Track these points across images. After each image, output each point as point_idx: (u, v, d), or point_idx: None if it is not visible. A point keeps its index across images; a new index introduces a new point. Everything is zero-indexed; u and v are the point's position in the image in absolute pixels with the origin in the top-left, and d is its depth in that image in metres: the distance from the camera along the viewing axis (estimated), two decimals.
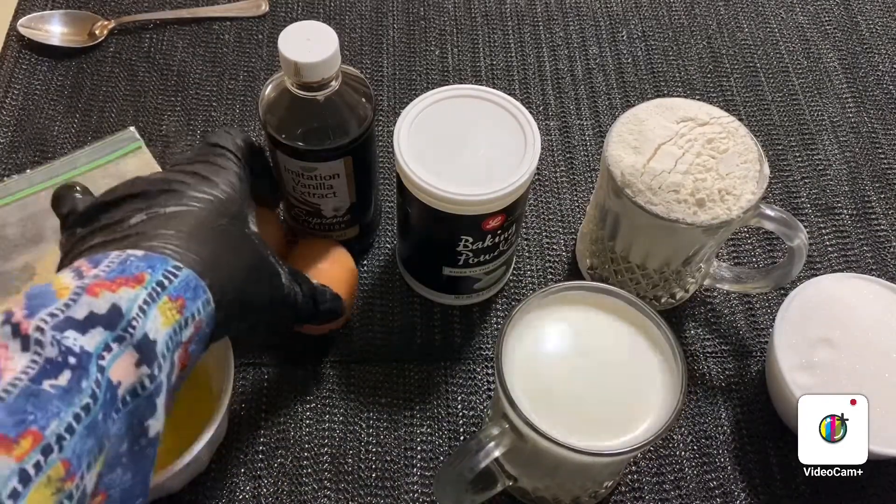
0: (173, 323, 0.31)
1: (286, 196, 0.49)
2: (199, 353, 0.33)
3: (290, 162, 0.45)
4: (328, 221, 0.49)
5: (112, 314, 0.29)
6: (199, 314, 0.32)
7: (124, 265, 0.31)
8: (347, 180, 0.46)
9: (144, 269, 0.31)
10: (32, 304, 0.28)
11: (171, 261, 0.32)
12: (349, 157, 0.45)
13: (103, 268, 0.30)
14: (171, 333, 0.31)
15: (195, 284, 0.32)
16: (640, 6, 0.70)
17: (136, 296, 0.30)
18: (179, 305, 0.31)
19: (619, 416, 0.37)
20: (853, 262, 0.56)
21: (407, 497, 0.45)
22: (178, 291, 0.31)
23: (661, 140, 0.45)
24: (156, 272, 0.31)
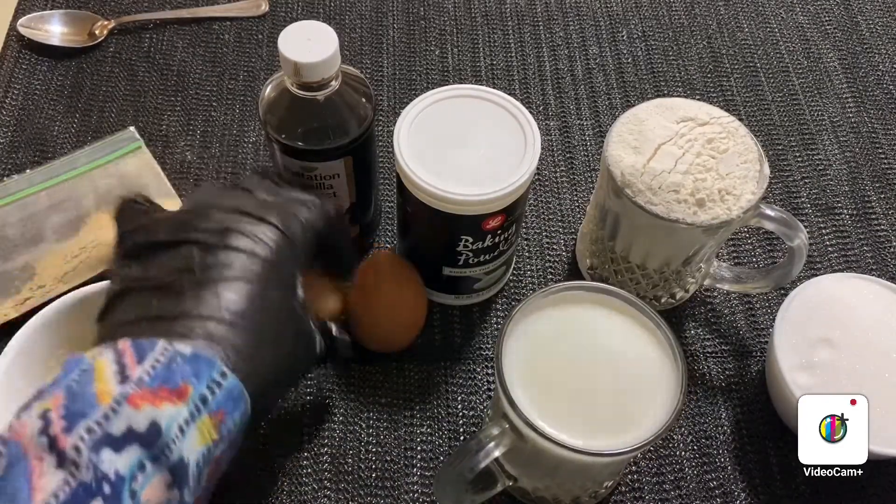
0: (208, 442, 0.30)
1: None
2: (228, 459, 0.33)
3: (289, 162, 0.45)
4: None
5: (151, 432, 0.28)
6: (236, 426, 0.32)
7: (169, 369, 0.30)
8: (347, 180, 0.46)
9: (189, 377, 0.30)
10: (72, 412, 0.27)
11: (219, 364, 0.31)
12: (349, 157, 0.45)
13: (148, 367, 0.30)
14: (204, 452, 0.30)
15: (238, 394, 0.32)
16: (640, 6, 0.70)
17: (177, 413, 0.29)
18: (218, 421, 0.30)
19: (619, 416, 0.37)
20: (853, 262, 0.56)
21: (407, 497, 0.45)
22: (218, 405, 0.31)
23: (661, 140, 0.45)
24: (200, 382, 0.30)
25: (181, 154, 0.58)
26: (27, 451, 0.26)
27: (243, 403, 0.32)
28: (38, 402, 0.29)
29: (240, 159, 0.58)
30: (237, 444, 0.33)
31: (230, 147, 0.59)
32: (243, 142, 0.59)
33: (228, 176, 0.57)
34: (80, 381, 0.29)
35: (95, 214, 0.53)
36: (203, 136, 0.60)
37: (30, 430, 0.27)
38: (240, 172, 0.58)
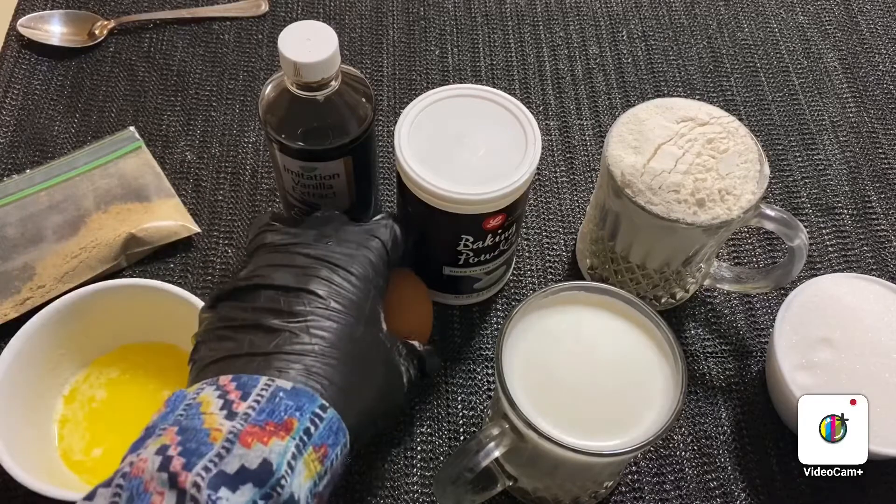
0: (314, 475, 0.31)
1: (285, 196, 0.49)
2: (329, 493, 0.33)
3: (289, 162, 0.45)
4: None
5: (263, 470, 0.29)
6: (337, 459, 0.33)
7: (273, 403, 0.31)
8: (347, 180, 0.46)
9: (293, 411, 0.31)
10: (188, 448, 0.28)
11: (318, 398, 0.32)
12: (349, 157, 0.45)
13: (252, 401, 0.31)
14: (311, 486, 0.31)
15: (337, 427, 0.32)
16: (640, 6, 0.70)
17: (285, 449, 0.30)
18: (322, 455, 0.31)
19: (619, 416, 0.37)
20: (853, 262, 0.56)
21: (407, 497, 0.45)
22: (322, 439, 0.31)
23: (661, 140, 0.45)
24: (304, 416, 0.31)
25: (181, 154, 0.58)
26: (148, 487, 0.27)
27: (343, 436, 0.33)
28: (152, 438, 0.29)
29: (240, 159, 0.58)
30: (338, 479, 0.33)
31: (230, 147, 0.59)
32: (243, 142, 0.59)
33: (228, 176, 0.57)
34: (189, 415, 0.30)
35: (95, 214, 0.53)
36: (203, 136, 0.60)
37: (150, 465, 0.28)
38: (239, 173, 0.58)
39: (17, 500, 0.42)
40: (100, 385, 0.46)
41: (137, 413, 0.45)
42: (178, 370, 0.46)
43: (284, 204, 0.50)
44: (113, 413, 0.45)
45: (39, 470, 0.40)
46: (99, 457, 0.44)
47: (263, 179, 0.57)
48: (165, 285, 0.45)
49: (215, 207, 0.56)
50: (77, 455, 0.44)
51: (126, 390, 0.46)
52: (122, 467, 0.28)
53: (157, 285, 0.45)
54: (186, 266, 0.53)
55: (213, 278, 0.52)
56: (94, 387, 0.46)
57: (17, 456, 0.39)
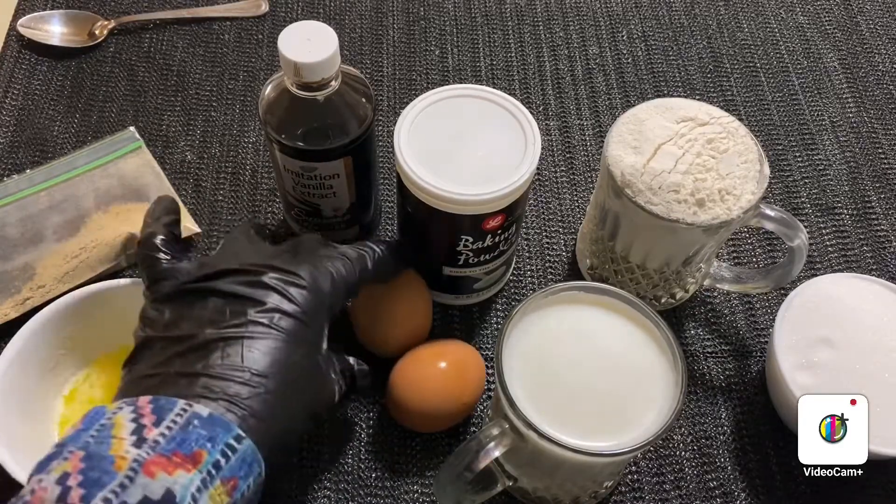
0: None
1: (285, 196, 0.49)
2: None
3: (289, 162, 0.45)
4: (328, 221, 0.49)
5: (165, 501, 0.28)
6: (250, 489, 0.32)
7: (186, 432, 0.30)
8: (347, 180, 0.46)
9: (204, 443, 0.30)
10: (89, 478, 0.28)
11: (234, 428, 0.31)
12: (349, 157, 0.45)
13: (164, 428, 0.30)
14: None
15: (252, 460, 0.32)
16: (640, 6, 0.70)
17: (190, 481, 0.29)
18: (230, 488, 0.31)
19: (619, 416, 0.37)
20: (853, 262, 0.56)
21: (407, 497, 0.45)
22: (232, 472, 0.31)
23: (661, 140, 0.45)
24: (215, 448, 0.30)
25: (181, 154, 0.58)
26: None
27: (257, 466, 0.32)
28: (58, 461, 0.29)
29: (240, 159, 0.58)
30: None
31: (230, 147, 0.59)
32: (243, 142, 0.59)
33: (228, 176, 0.57)
34: (99, 438, 0.30)
35: (95, 214, 0.53)
36: (203, 136, 0.60)
37: (49, 495, 0.27)
38: (239, 172, 0.58)
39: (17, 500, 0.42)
40: (100, 385, 0.46)
41: None
42: None
43: (284, 204, 0.50)
44: None
45: None
46: None
47: (263, 179, 0.57)
48: None
49: (215, 207, 0.56)
50: None
51: None
52: (24, 494, 0.28)
53: None
54: None
55: None
56: (94, 387, 0.46)
57: (18, 456, 0.39)
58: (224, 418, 0.31)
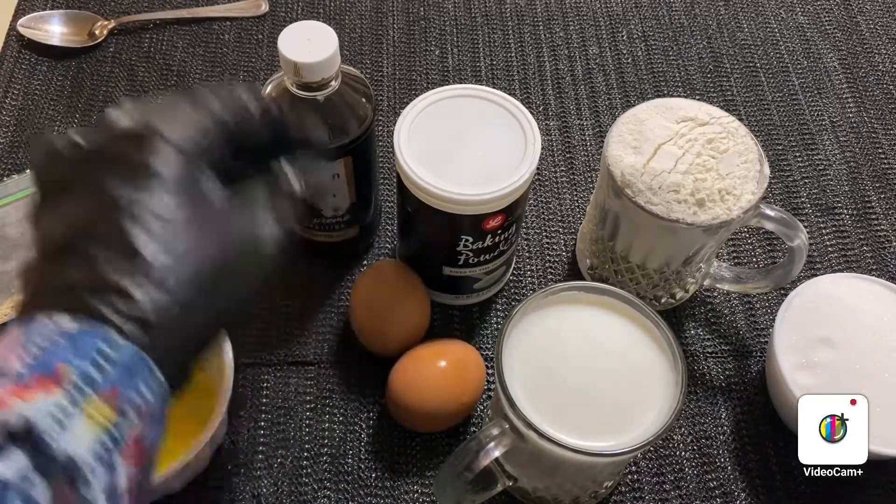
0: (106, 425, 0.26)
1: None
2: (156, 434, 0.28)
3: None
4: (328, 221, 0.49)
5: (27, 431, 0.24)
6: (143, 396, 0.27)
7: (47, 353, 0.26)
8: (347, 180, 0.46)
9: (69, 358, 0.26)
10: None
11: (109, 335, 0.27)
12: (349, 157, 0.45)
13: (29, 356, 0.26)
14: (100, 440, 0.26)
15: (135, 364, 0.27)
16: (640, 6, 0.70)
17: (50, 405, 0.25)
18: (111, 400, 0.26)
19: (619, 416, 0.37)
20: (853, 262, 0.56)
21: (407, 497, 0.45)
22: (107, 383, 0.26)
23: (661, 140, 0.45)
24: (82, 362, 0.26)
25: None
26: None
27: (146, 370, 0.27)
28: None
29: None
30: (160, 420, 0.28)
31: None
32: None
33: None
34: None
35: None
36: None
37: None
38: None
39: None
40: None
41: None
42: None
43: None
44: None
45: None
46: None
47: None
48: None
49: None
50: None
51: None
52: None
53: None
54: None
55: None
56: None
57: None
58: (92, 329, 0.27)
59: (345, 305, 0.51)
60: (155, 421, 0.28)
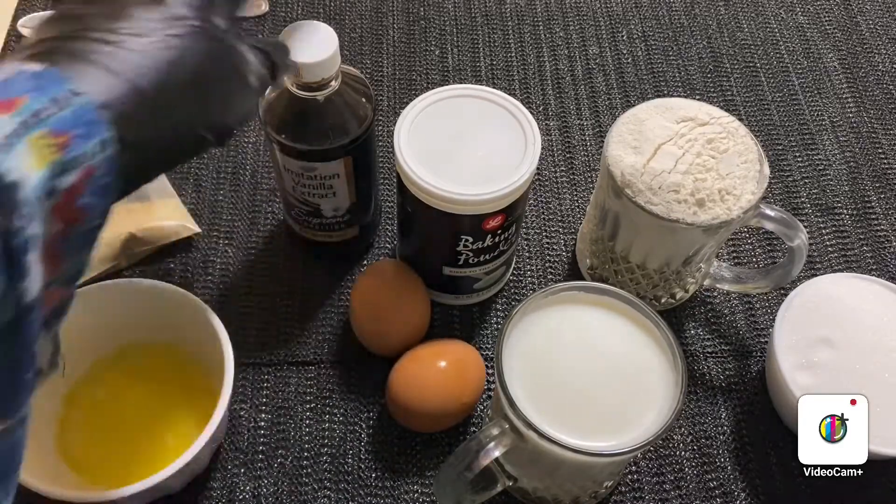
0: (49, 163, 0.25)
1: (285, 196, 0.49)
2: (97, 205, 0.27)
3: (289, 162, 0.45)
4: (328, 221, 0.49)
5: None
6: (92, 157, 0.26)
7: (7, 84, 0.25)
8: (347, 180, 0.46)
9: (27, 91, 0.25)
10: None
11: (68, 82, 0.26)
12: (349, 157, 0.45)
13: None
14: (46, 175, 0.25)
15: (90, 118, 0.26)
16: (640, 6, 0.70)
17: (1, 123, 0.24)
18: (62, 143, 0.25)
19: (618, 416, 0.37)
20: (853, 262, 0.56)
21: (407, 497, 0.45)
22: (62, 125, 0.25)
23: (661, 140, 0.45)
24: (40, 96, 0.25)
25: None
26: None
27: (101, 131, 0.26)
28: None
29: (240, 159, 0.58)
30: (104, 189, 0.27)
31: (230, 147, 0.59)
32: (243, 142, 0.59)
33: (228, 176, 0.57)
34: None
35: None
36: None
37: None
38: (239, 173, 0.58)
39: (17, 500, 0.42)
40: (100, 385, 0.46)
41: (137, 413, 0.45)
42: (178, 370, 0.46)
43: (285, 204, 0.50)
44: (113, 413, 0.45)
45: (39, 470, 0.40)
46: (99, 457, 0.44)
47: (263, 179, 0.57)
48: (165, 285, 0.45)
49: (215, 207, 0.56)
50: (77, 455, 0.44)
51: (126, 390, 0.46)
52: None
53: (157, 285, 0.45)
54: (186, 266, 0.53)
55: (213, 278, 0.52)
56: (94, 387, 0.46)
57: None
58: (59, 74, 0.26)
59: (345, 305, 0.51)
60: (98, 191, 0.27)
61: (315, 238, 0.51)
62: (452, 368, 0.45)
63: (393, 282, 0.48)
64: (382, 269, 0.49)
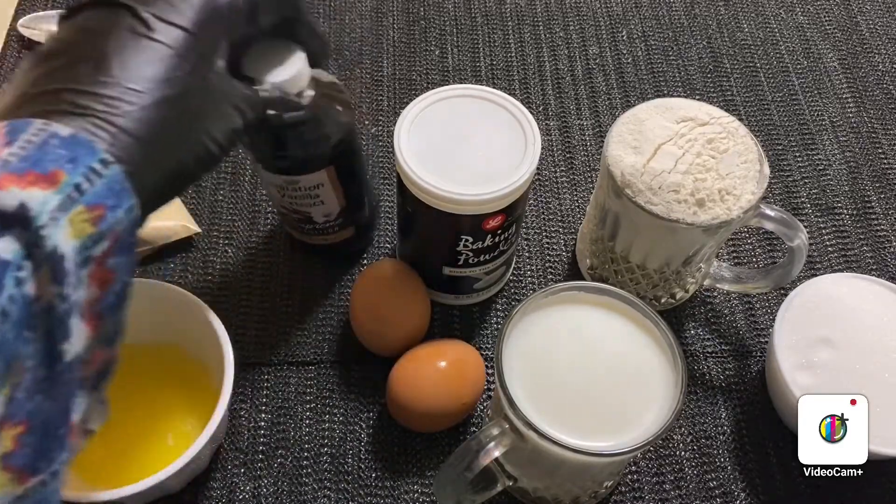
0: (83, 237, 0.26)
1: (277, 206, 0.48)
2: (125, 264, 0.28)
3: (271, 177, 0.44)
4: (321, 226, 0.49)
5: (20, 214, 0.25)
6: (120, 225, 0.28)
7: (42, 151, 0.26)
8: (333, 187, 0.45)
9: (64, 163, 0.26)
10: None
11: (99, 151, 0.27)
12: (332, 165, 0.44)
13: (18, 147, 0.26)
14: (78, 248, 0.26)
15: (120, 188, 0.27)
16: (640, 6, 0.70)
17: (47, 199, 0.25)
18: (96, 217, 0.27)
19: (618, 416, 0.37)
20: (853, 262, 0.56)
21: (407, 497, 0.45)
22: (98, 198, 0.27)
23: (661, 140, 0.45)
24: (76, 169, 0.26)
25: None
26: None
27: (128, 199, 0.28)
28: None
29: (240, 159, 0.58)
30: (129, 248, 0.29)
31: None
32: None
33: (228, 176, 0.57)
34: None
35: None
36: None
37: None
38: (239, 173, 0.58)
39: None
40: None
41: (137, 413, 0.45)
42: (178, 370, 0.46)
43: (278, 212, 0.50)
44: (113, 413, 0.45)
45: None
46: (99, 457, 0.44)
47: None
48: (165, 285, 0.45)
49: (215, 207, 0.56)
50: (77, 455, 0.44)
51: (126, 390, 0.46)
52: None
53: (157, 285, 0.45)
54: (186, 266, 0.53)
55: (213, 278, 0.52)
56: None
57: None
58: (88, 139, 0.27)
59: (345, 305, 0.51)
60: (123, 249, 0.28)
61: (312, 241, 0.51)
62: (452, 368, 0.45)
63: (393, 282, 0.47)
64: (382, 269, 0.49)
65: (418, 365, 0.45)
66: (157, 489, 0.38)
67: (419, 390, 0.44)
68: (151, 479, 0.38)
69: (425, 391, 0.44)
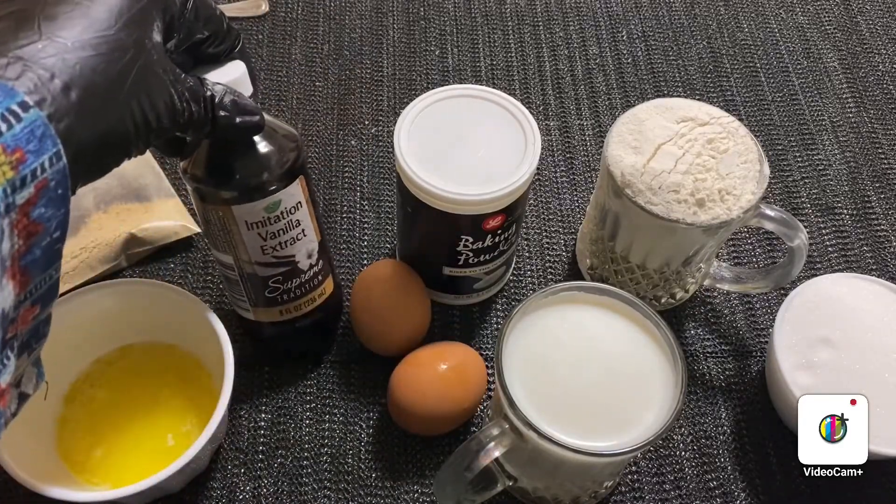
0: (3, 182, 0.25)
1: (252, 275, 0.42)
2: (54, 217, 0.27)
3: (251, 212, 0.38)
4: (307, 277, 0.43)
5: None
6: (45, 172, 0.26)
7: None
8: (309, 210, 0.41)
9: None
10: None
11: (19, 94, 0.26)
12: (301, 175, 0.39)
13: None
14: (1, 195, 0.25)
15: (42, 133, 0.26)
16: (640, 6, 0.70)
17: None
18: (16, 160, 0.25)
19: (619, 416, 0.37)
20: (853, 262, 0.56)
21: (407, 497, 0.45)
22: (17, 142, 0.25)
23: (661, 140, 0.45)
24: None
25: None
26: None
27: (52, 146, 0.26)
28: None
29: None
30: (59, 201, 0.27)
31: None
32: None
33: None
34: None
35: (95, 214, 0.53)
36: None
37: None
38: None
39: (17, 500, 0.42)
40: (100, 385, 0.46)
41: (137, 413, 0.45)
42: (178, 370, 0.46)
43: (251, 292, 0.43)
44: (113, 413, 0.45)
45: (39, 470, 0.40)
46: (99, 457, 0.44)
47: None
48: (166, 285, 0.45)
49: None
50: (77, 455, 0.44)
51: (126, 390, 0.46)
52: None
53: (158, 285, 0.45)
54: (186, 266, 0.53)
55: (213, 278, 0.52)
56: (94, 387, 0.46)
57: (17, 456, 0.39)
58: (8, 84, 0.26)
59: (345, 305, 0.51)
60: (52, 202, 0.27)
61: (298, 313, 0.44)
62: (453, 373, 0.45)
63: (393, 282, 0.47)
64: (382, 269, 0.49)
65: (419, 369, 0.45)
66: (157, 489, 0.38)
67: (420, 395, 0.44)
68: (151, 479, 0.38)
69: (426, 396, 0.44)
